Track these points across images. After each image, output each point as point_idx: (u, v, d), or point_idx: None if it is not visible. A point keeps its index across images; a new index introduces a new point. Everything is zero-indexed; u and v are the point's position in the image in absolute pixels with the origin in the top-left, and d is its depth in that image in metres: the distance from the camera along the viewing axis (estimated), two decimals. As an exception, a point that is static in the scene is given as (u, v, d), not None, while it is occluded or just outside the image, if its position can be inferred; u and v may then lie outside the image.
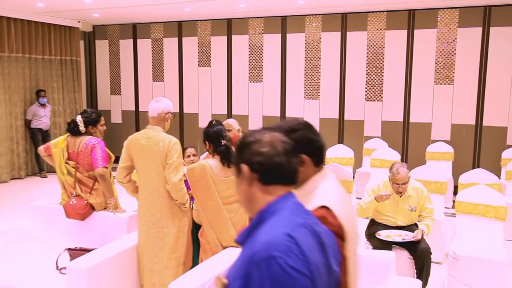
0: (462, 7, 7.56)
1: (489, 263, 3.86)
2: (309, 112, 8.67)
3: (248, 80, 9.10)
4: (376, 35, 8.14)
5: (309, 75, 8.64)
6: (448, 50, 7.74)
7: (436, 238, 4.87)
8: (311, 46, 8.58)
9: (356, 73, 8.31)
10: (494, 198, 4.37)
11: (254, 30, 8.96)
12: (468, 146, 7.75)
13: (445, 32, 7.73)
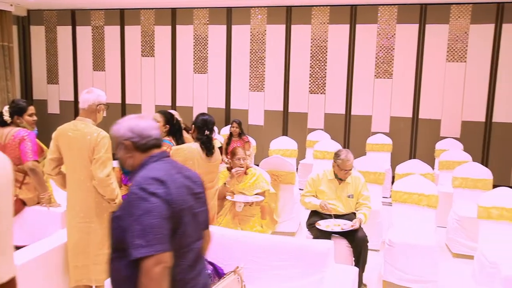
0: (400, 4, 7.82)
1: (421, 248, 4.04)
2: (254, 104, 8.69)
3: (192, 71, 8.98)
4: (319, 29, 8.26)
5: (254, 67, 8.66)
6: (387, 45, 8.00)
7: (374, 226, 5.05)
8: (256, 38, 8.59)
9: (300, 66, 8.42)
10: (427, 187, 4.57)
11: (199, 21, 8.85)
12: (405, 138, 8.07)
13: (385, 28, 7.98)
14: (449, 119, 7.85)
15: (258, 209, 4.45)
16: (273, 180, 5.35)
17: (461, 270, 4.61)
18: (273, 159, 5.57)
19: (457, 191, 5.46)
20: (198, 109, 8.87)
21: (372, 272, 4.51)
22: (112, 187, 3.26)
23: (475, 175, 5.46)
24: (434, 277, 4.02)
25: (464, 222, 4.95)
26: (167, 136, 3.98)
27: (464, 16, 7.60)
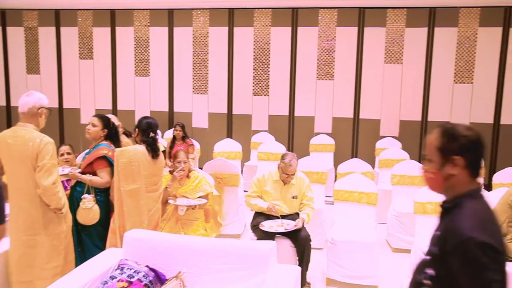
0: (340, 8, 8.02)
1: (362, 245, 4.14)
2: (198, 106, 8.62)
3: (134, 74, 8.78)
4: (262, 32, 8.32)
5: (197, 69, 8.58)
6: (328, 47, 8.17)
7: (318, 225, 5.13)
8: (199, 41, 8.52)
9: (243, 68, 8.43)
10: (367, 185, 4.70)
11: (140, 23, 8.66)
12: (347, 138, 8.27)
13: (326, 31, 8.15)
14: (388, 119, 8.13)
15: (201, 213, 4.40)
16: (217, 182, 5.32)
17: (400, 264, 4.76)
18: (216, 162, 5.53)
19: (395, 188, 5.65)
20: (140, 112, 8.67)
21: (316, 270, 4.57)
22: (58, 196, 3.12)
23: (412, 172, 5.67)
24: (374, 272, 4.13)
25: (402, 218, 5.13)
26: (105, 140, 3.86)
27: (399, 20, 7.91)
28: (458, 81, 7.86)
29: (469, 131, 1.66)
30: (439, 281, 1.61)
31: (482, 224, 1.54)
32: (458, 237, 1.51)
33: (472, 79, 7.82)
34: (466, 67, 7.81)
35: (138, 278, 2.96)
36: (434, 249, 1.64)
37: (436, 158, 1.68)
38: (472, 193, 1.66)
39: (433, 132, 1.72)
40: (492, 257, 1.46)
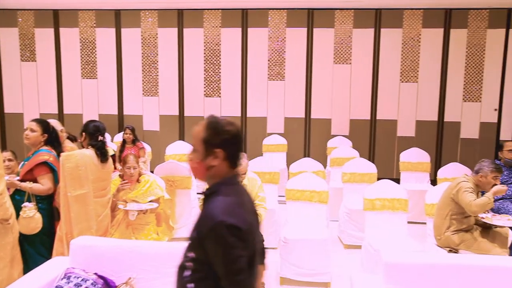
0: (289, 9, 8.11)
1: (314, 243, 4.19)
2: (148, 109, 8.46)
3: (80, 77, 8.50)
4: (212, 32, 8.27)
5: (146, 71, 8.42)
6: (278, 48, 8.24)
7: (271, 225, 5.15)
8: (147, 42, 8.37)
9: (194, 69, 8.35)
10: (317, 184, 4.76)
11: (85, 23, 8.40)
12: (299, 138, 8.36)
13: (276, 31, 8.21)
14: (338, 118, 8.28)
15: (153, 217, 4.31)
16: (169, 185, 5.24)
17: (351, 259, 4.86)
18: (168, 165, 5.45)
19: (346, 186, 5.76)
20: (88, 116, 8.40)
21: (270, 269, 4.58)
22: (5, 206, 2.97)
23: (362, 170, 5.81)
24: (327, 269, 4.19)
25: (353, 215, 5.23)
26: (45, 145, 3.70)
27: (347, 21, 8.08)
28: (404, 80, 8.12)
29: (230, 126, 1.82)
30: (199, 263, 1.77)
31: (231, 208, 1.72)
32: (210, 221, 1.68)
33: (417, 78, 8.10)
34: (411, 67, 8.09)
35: (86, 286, 2.87)
36: (194, 233, 1.78)
37: (201, 149, 1.83)
38: (228, 180, 1.84)
39: (200, 124, 1.87)
40: (238, 236, 1.66)
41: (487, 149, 8.05)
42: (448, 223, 3.94)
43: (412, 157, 6.78)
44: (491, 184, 3.95)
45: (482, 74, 8.02)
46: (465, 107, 8.12)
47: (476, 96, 8.07)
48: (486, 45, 7.95)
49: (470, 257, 3.12)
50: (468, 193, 3.81)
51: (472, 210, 3.75)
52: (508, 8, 7.81)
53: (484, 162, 4.02)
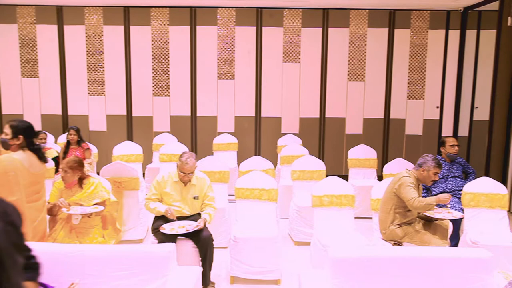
0: (238, 7, 8.09)
1: (264, 241, 4.19)
2: (94, 109, 8.21)
3: (20, 75, 8.12)
4: (160, 30, 8.13)
5: (92, 70, 8.17)
6: (228, 47, 8.21)
7: (222, 224, 5.12)
8: (92, 40, 8.11)
9: (142, 68, 8.19)
10: (267, 182, 4.77)
11: (25, 20, 8.03)
12: (250, 136, 8.37)
13: (225, 30, 8.17)
14: (288, 116, 8.36)
15: (98, 219, 4.18)
16: (116, 187, 5.09)
17: (301, 256, 4.91)
18: (114, 166, 5.28)
19: (296, 183, 5.81)
20: (29, 116, 8.05)
21: (221, 269, 4.56)
22: None
23: (311, 167, 5.87)
24: (277, 266, 4.21)
25: (303, 212, 5.29)
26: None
27: (295, 20, 8.16)
28: (352, 79, 8.31)
29: None
30: None
31: None
32: None
33: (364, 77, 8.31)
34: (358, 66, 8.28)
35: (23, 295, 2.72)
36: None
37: None
38: None
39: None
40: None
41: (430, 145, 8.38)
42: (392, 217, 4.06)
43: (360, 154, 6.93)
44: (431, 178, 4.10)
45: (424, 73, 8.33)
46: (409, 105, 8.41)
47: (419, 94, 8.37)
48: (428, 45, 8.26)
49: (412, 249, 3.22)
50: (410, 188, 3.94)
51: (414, 206, 3.88)
52: (447, 10, 8.15)
53: (427, 157, 4.17)
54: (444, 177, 5.35)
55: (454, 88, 8.37)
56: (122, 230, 4.92)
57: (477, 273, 2.87)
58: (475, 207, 4.54)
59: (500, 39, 6.89)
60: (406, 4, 7.90)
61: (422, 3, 7.82)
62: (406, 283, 2.90)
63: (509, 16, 6.78)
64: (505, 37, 6.88)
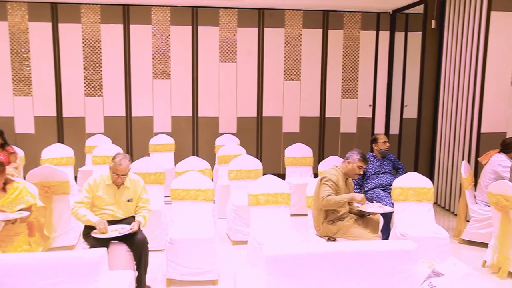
0: (172, 6, 7.96)
1: (200, 241, 4.15)
2: (21, 110, 7.78)
3: None
4: (91, 28, 7.84)
5: (17, 69, 7.73)
6: (163, 46, 8.06)
7: (158, 226, 5.02)
8: (16, 37, 7.68)
9: (72, 67, 7.86)
10: (203, 182, 4.72)
11: None
12: (187, 136, 8.27)
13: (160, 29, 8.02)
14: (226, 116, 8.34)
15: (24, 226, 3.96)
16: (44, 192, 4.84)
17: (239, 255, 4.91)
18: (42, 169, 5.02)
19: (233, 183, 5.80)
20: None
21: (157, 272, 4.47)
22: None
23: (248, 166, 5.89)
24: (214, 267, 4.18)
25: (240, 211, 5.29)
26: None
27: (232, 20, 8.16)
28: (288, 79, 8.43)
29: None
30: None
31: None
32: None
33: (299, 77, 8.45)
34: (294, 66, 8.41)
35: None
36: None
37: None
38: None
39: None
40: None
41: (364, 142, 8.67)
42: (324, 214, 4.15)
43: (296, 152, 7.04)
44: (355, 171, 4.24)
45: (357, 73, 8.61)
46: (344, 104, 8.66)
47: (353, 93, 8.64)
48: (360, 46, 8.54)
49: (345, 244, 3.30)
50: (325, 186, 4.07)
51: (322, 205, 4.03)
52: (377, 12, 8.47)
53: (354, 151, 4.32)
54: (376, 173, 5.55)
55: (385, 87, 8.71)
56: (51, 237, 4.70)
57: (404, 264, 2.99)
58: (404, 201, 4.74)
59: (426, 41, 7.26)
60: (339, 6, 8.12)
61: (353, 5, 8.08)
62: (339, 277, 2.97)
63: (433, 19, 7.16)
64: (430, 39, 7.26)
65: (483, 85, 6.07)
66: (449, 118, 6.86)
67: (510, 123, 6.20)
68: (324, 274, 2.96)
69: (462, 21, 6.54)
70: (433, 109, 7.31)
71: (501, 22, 5.98)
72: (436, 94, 7.25)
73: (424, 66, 7.30)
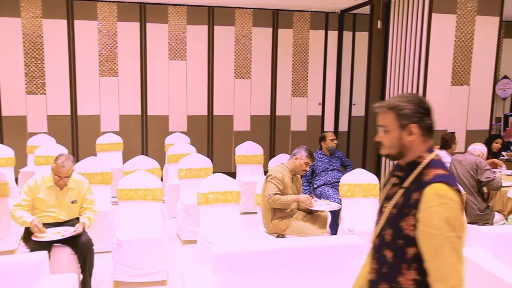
0: (119, 1, 7.76)
1: (148, 242, 4.07)
2: (-44, 108, 7.34)
3: None
4: (32, 23, 7.51)
5: (-49, 65, 7.29)
6: (109, 43, 7.84)
7: (105, 227, 4.88)
8: (-49, 31, 7.24)
9: (12, 64, 7.49)
10: (151, 182, 4.63)
11: None
12: (136, 135, 8.09)
13: (106, 25, 7.79)
14: (176, 114, 8.22)
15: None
16: (-19, 194, 4.59)
17: (189, 254, 4.86)
18: (-22, 171, 4.77)
19: (183, 182, 5.73)
20: None
21: (103, 275, 4.34)
22: None
23: (198, 165, 5.83)
24: (162, 267, 4.12)
25: (190, 210, 5.24)
26: None
27: (180, 17, 8.05)
28: (238, 77, 8.41)
29: None
30: None
31: None
32: None
33: (250, 75, 8.46)
34: (244, 64, 8.41)
35: None
36: None
37: None
38: None
39: None
40: None
41: (314, 140, 8.75)
42: (273, 211, 4.17)
43: (247, 150, 7.05)
44: (302, 167, 4.28)
45: (307, 72, 8.72)
46: (294, 102, 8.75)
47: (302, 91, 8.75)
48: (309, 45, 8.66)
49: (293, 240, 3.33)
50: (271, 184, 4.10)
51: (268, 203, 4.06)
52: (326, 12, 8.62)
53: (301, 147, 4.36)
54: (324, 170, 5.65)
55: (334, 85, 8.87)
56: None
57: (350, 258, 3.05)
58: (351, 197, 4.85)
59: (372, 41, 7.45)
60: (288, 5, 8.19)
61: (302, 4, 8.17)
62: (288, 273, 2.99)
63: (379, 20, 7.36)
64: (376, 39, 7.45)
65: (425, 84, 6.31)
66: (394, 116, 7.06)
67: (451, 120, 6.48)
68: (273, 271, 2.98)
69: (406, 22, 6.76)
70: (380, 107, 7.51)
71: (441, 24, 6.24)
72: (383, 93, 7.46)
73: (371, 66, 7.50)
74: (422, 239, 1.62)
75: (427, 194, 1.61)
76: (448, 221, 1.56)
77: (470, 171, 4.89)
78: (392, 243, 1.73)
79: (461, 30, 6.35)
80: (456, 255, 1.57)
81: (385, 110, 1.82)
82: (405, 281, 1.69)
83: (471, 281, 3.28)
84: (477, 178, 4.86)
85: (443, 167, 1.72)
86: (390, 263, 1.73)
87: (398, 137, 1.77)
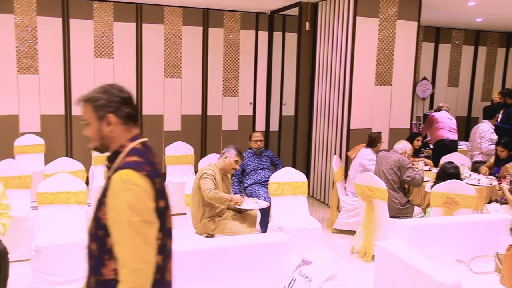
0: (39, -5, 7.37)
1: (70, 247, 3.89)
2: None
3: None
4: None
5: None
6: (29, 38, 7.40)
7: (23, 234, 4.63)
8: None
9: None
10: (74, 184, 4.43)
11: None
12: (60, 136, 7.71)
13: (24, 19, 7.35)
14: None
15: None
16: None
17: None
18: None
19: (107, 182, 5.51)
20: None
21: (21, 284, 4.07)
22: None
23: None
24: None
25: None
26: None
27: (107, 14, 7.77)
28: (168, 76, 8.26)
29: None
30: None
31: None
32: None
33: (180, 74, 8.34)
34: (174, 63, 8.27)
35: None
36: None
37: None
38: None
39: None
40: None
41: (246, 139, 8.75)
42: (202, 211, 4.13)
43: (177, 150, 6.94)
44: (232, 166, 4.29)
45: (238, 71, 8.74)
46: (225, 102, 8.73)
47: (234, 91, 8.75)
48: (240, 45, 8.68)
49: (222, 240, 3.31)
50: (207, 180, 4.07)
51: (208, 196, 4.03)
52: (256, 12, 8.68)
53: (231, 146, 4.36)
54: (255, 169, 5.68)
55: (265, 85, 8.96)
56: None
57: (278, 255, 3.08)
58: (280, 195, 4.91)
59: (301, 42, 7.62)
60: (218, 4, 8.16)
61: (232, 4, 8.17)
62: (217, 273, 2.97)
63: (307, 22, 7.53)
64: (305, 40, 7.63)
65: (351, 85, 6.53)
66: (322, 116, 7.27)
67: (375, 119, 6.76)
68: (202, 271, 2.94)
69: (333, 24, 6.97)
70: (309, 107, 7.70)
71: (365, 27, 6.49)
72: (311, 93, 7.65)
73: (300, 66, 7.66)
74: (110, 225, 1.60)
75: (114, 180, 1.61)
76: (131, 206, 1.55)
77: (394, 168, 5.12)
78: (95, 235, 1.68)
79: (384, 33, 6.65)
80: (142, 240, 1.56)
81: (83, 103, 1.81)
82: (108, 272, 1.64)
83: (390, 271, 3.43)
84: (399, 175, 5.10)
85: (139, 154, 1.71)
86: (95, 255, 1.67)
87: (98, 129, 1.78)
